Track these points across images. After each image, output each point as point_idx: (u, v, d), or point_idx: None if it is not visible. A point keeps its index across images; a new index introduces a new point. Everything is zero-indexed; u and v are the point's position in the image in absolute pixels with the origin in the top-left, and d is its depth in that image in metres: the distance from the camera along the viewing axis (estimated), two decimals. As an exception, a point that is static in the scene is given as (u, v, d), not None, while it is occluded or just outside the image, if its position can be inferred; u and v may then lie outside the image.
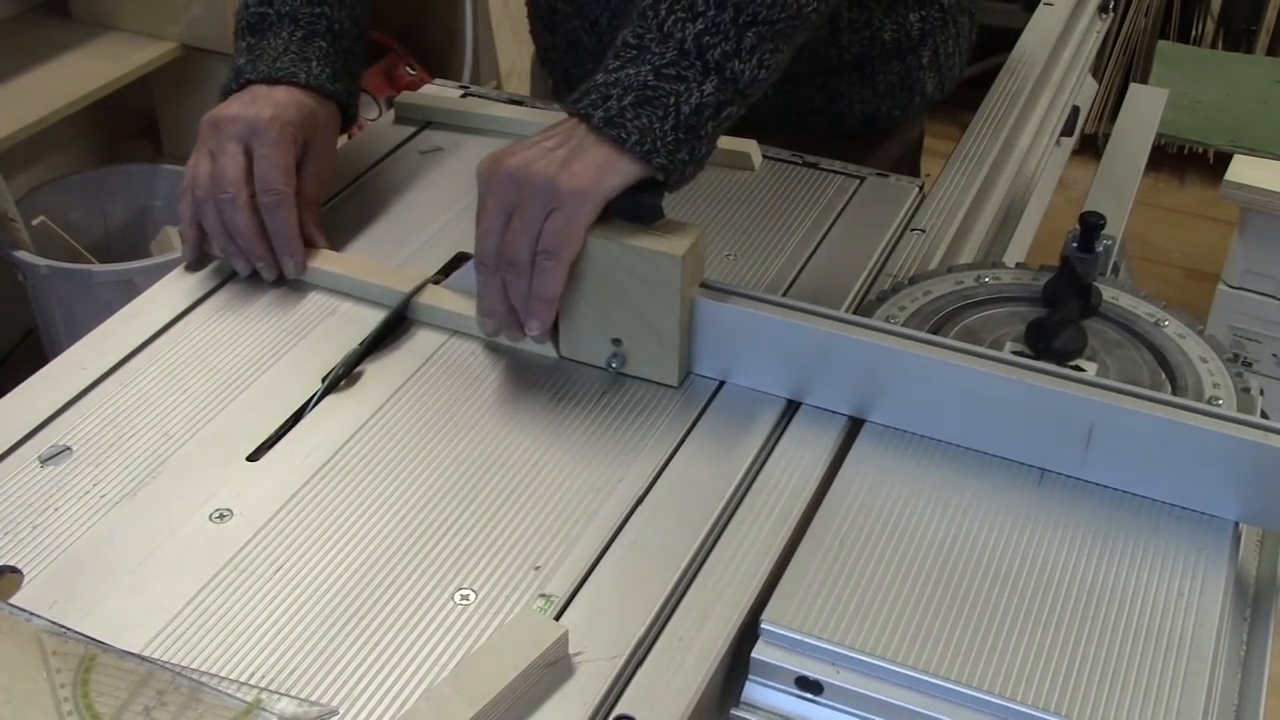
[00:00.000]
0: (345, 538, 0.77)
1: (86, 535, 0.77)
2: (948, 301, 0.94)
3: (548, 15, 1.24)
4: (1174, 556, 0.77)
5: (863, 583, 0.74)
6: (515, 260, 0.84)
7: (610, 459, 0.84)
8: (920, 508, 0.80)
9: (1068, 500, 0.81)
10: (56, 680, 0.68)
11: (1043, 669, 0.70)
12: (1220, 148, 2.66)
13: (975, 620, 0.72)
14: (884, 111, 1.21)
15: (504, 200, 0.84)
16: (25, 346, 2.09)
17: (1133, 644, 0.72)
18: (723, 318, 0.88)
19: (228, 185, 0.95)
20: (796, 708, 0.71)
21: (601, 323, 0.89)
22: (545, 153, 0.84)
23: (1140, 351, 0.90)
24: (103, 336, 0.93)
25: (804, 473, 0.83)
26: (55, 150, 2.16)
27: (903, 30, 1.16)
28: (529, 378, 0.90)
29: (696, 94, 0.83)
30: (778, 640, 0.71)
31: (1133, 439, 0.80)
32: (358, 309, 0.96)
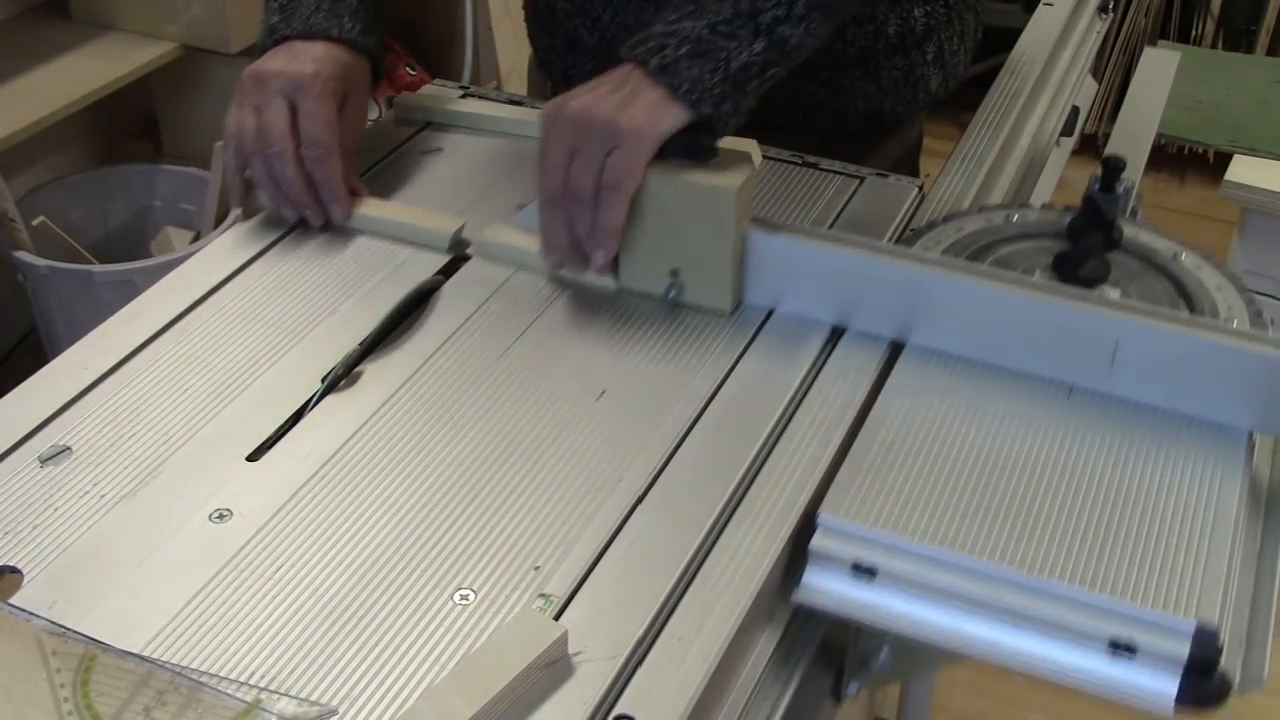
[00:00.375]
0: (345, 538, 0.77)
1: (86, 535, 0.77)
2: (979, 237, 1.01)
3: (546, 16, 1.24)
4: (1194, 461, 0.83)
5: (909, 481, 0.81)
6: (580, 194, 0.91)
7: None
8: (959, 419, 0.86)
9: (1095, 412, 0.87)
10: (56, 680, 0.68)
11: (1076, 553, 0.76)
12: (1220, 148, 2.66)
13: (1013, 514, 0.79)
14: (888, 107, 1.21)
15: (567, 140, 0.91)
16: (25, 346, 2.08)
17: (1158, 536, 0.77)
18: (773, 248, 0.95)
19: (275, 140, 1.00)
20: (852, 591, 0.78)
21: (659, 254, 0.95)
22: (605, 96, 0.91)
23: (1160, 280, 0.97)
24: (103, 336, 0.93)
25: (850, 390, 0.89)
26: (55, 150, 2.16)
27: (907, 25, 1.17)
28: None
29: (746, 52, 0.90)
30: (834, 531, 0.78)
31: (1155, 356, 0.86)
32: (358, 308, 0.96)
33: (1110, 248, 0.97)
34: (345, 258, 1.02)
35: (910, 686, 1.60)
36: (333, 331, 0.94)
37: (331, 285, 0.99)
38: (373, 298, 0.97)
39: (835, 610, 0.78)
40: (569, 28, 1.21)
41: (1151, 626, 0.73)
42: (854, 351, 0.93)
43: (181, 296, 0.97)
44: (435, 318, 0.96)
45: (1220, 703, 0.72)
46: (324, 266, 1.01)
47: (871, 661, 0.84)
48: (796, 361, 0.91)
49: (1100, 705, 0.76)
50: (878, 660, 0.83)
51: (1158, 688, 0.73)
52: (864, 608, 0.77)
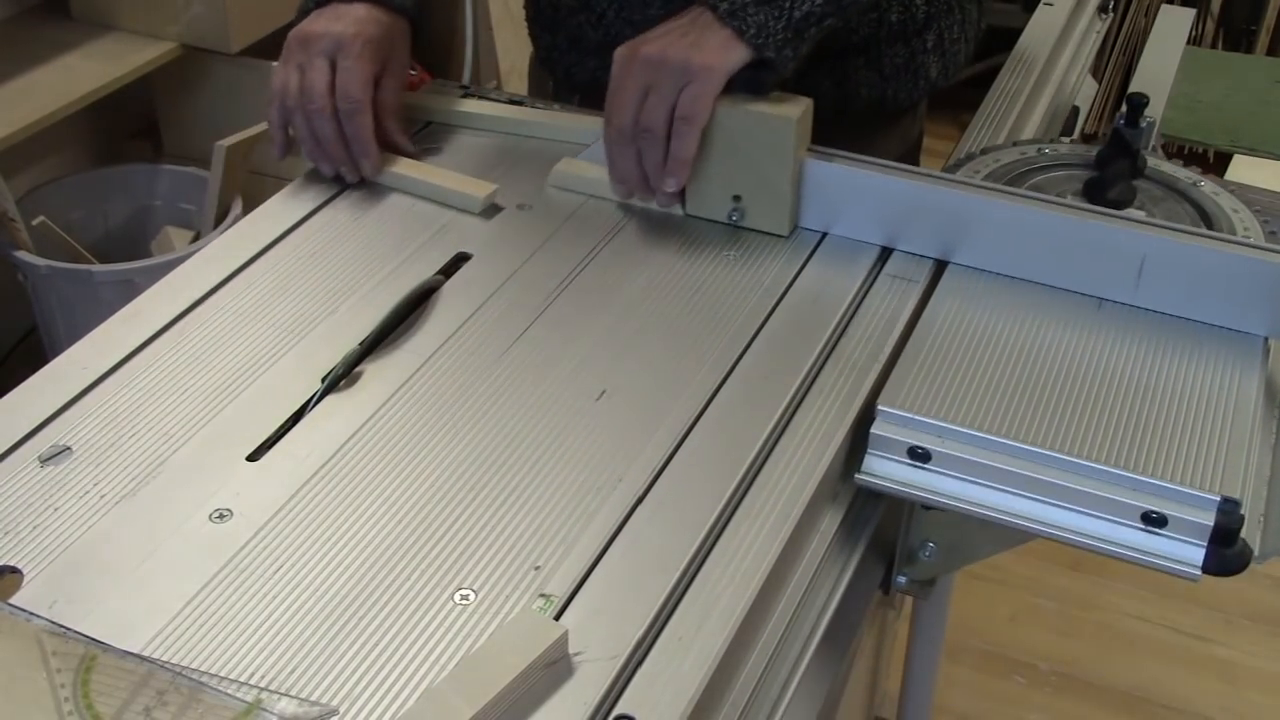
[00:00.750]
0: (345, 538, 0.77)
1: (86, 535, 0.77)
2: (1014, 167, 1.09)
3: (549, 14, 1.25)
4: (1215, 362, 0.92)
5: (958, 378, 0.88)
6: (653, 128, 0.99)
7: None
8: (1001, 326, 0.94)
9: (1123, 322, 0.95)
10: (57, 680, 0.68)
11: (1111, 438, 0.84)
12: (1220, 148, 2.66)
13: (1053, 404, 0.86)
14: (890, 95, 1.21)
15: (641, 79, 0.98)
16: (25, 346, 2.09)
17: (1184, 423, 0.85)
18: (828, 176, 1.03)
19: (316, 97, 1.05)
20: (909, 474, 0.85)
21: (724, 182, 1.04)
22: (678, 37, 0.99)
23: (1181, 204, 1.05)
24: (103, 336, 0.93)
25: (899, 303, 0.98)
26: (55, 150, 2.16)
27: (909, 13, 1.18)
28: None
29: (809, 3, 0.99)
30: (892, 419, 0.85)
31: (1178, 268, 0.94)
32: (358, 308, 0.96)
33: (1135, 175, 1.05)
34: (346, 258, 1.02)
35: (910, 686, 1.60)
36: (333, 331, 0.94)
37: (331, 285, 0.99)
38: (373, 298, 0.97)
39: (894, 490, 0.85)
40: (572, 25, 1.21)
41: (1180, 500, 0.80)
42: (903, 269, 1.01)
43: (181, 296, 0.97)
44: (435, 318, 0.96)
45: (1242, 568, 0.80)
46: (324, 266, 1.01)
47: (918, 555, 0.92)
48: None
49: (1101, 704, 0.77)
50: (924, 554, 0.92)
51: (1186, 555, 0.80)
52: (920, 488, 0.85)
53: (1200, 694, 2.00)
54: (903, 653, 1.58)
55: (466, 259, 1.03)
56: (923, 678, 1.58)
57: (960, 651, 2.03)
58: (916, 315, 0.96)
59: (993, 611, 2.11)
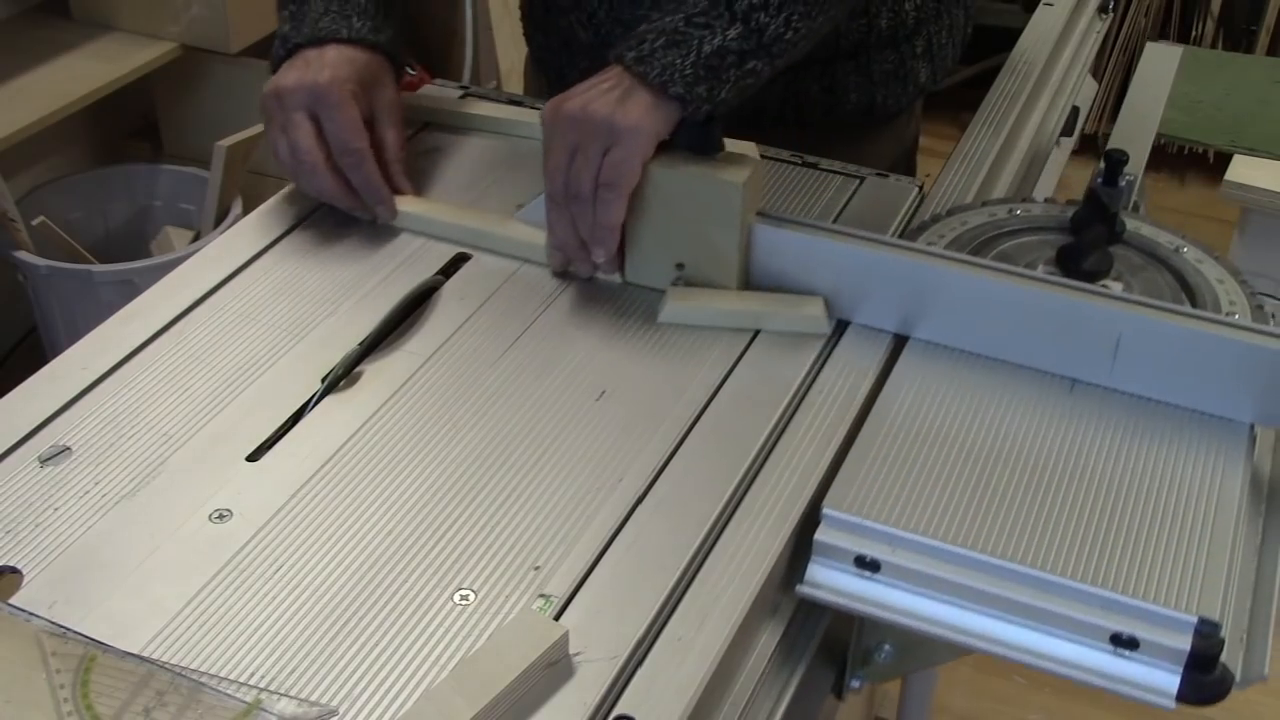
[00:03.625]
0: (345, 538, 0.77)
1: (86, 535, 0.77)
2: (983, 231, 1.01)
3: (541, 14, 1.25)
4: (1196, 454, 0.84)
5: (913, 474, 0.81)
6: (580, 193, 0.92)
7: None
8: (962, 412, 0.87)
9: (1098, 405, 0.88)
10: (56, 681, 0.68)
11: (1078, 547, 0.76)
12: (1220, 148, 2.66)
13: (1016, 507, 0.79)
14: (879, 100, 1.21)
15: (567, 140, 0.92)
16: (25, 346, 2.09)
17: (1159, 529, 0.78)
18: (778, 242, 0.96)
19: (305, 155, 1.01)
20: (856, 585, 0.78)
21: (666, 248, 0.96)
22: (601, 94, 0.92)
23: (1162, 274, 0.97)
24: (102, 336, 0.93)
25: (854, 383, 0.90)
26: (55, 150, 2.16)
27: (898, 18, 1.18)
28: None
29: (720, 37, 0.91)
30: (838, 524, 0.78)
31: (1157, 348, 0.87)
32: (358, 308, 0.96)
33: (1113, 241, 0.97)
34: (346, 258, 1.02)
35: (910, 686, 1.60)
36: (332, 331, 0.94)
37: (331, 285, 0.99)
38: (373, 298, 0.97)
39: (839, 603, 0.78)
40: (564, 25, 1.21)
41: (1153, 620, 0.73)
42: (858, 345, 0.94)
43: (181, 296, 0.97)
44: (435, 318, 0.96)
45: (1222, 697, 0.73)
46: (324, 266, 1.01)
47: (874, 657, 0.84)
48: (801, 354, 0.92)
49: (1099, 705, 0.76)
50: (880, 656, 0.84)
51: (1159, 682, 0.73)
52: (867, 601, 0.77)
53: (1200, 694, 1.99)
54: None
55: (466, 259, 1.03)
56: (923, 677, 1.58)
57: (960, 651, 2.03)
58: (872, 398, 0.88)
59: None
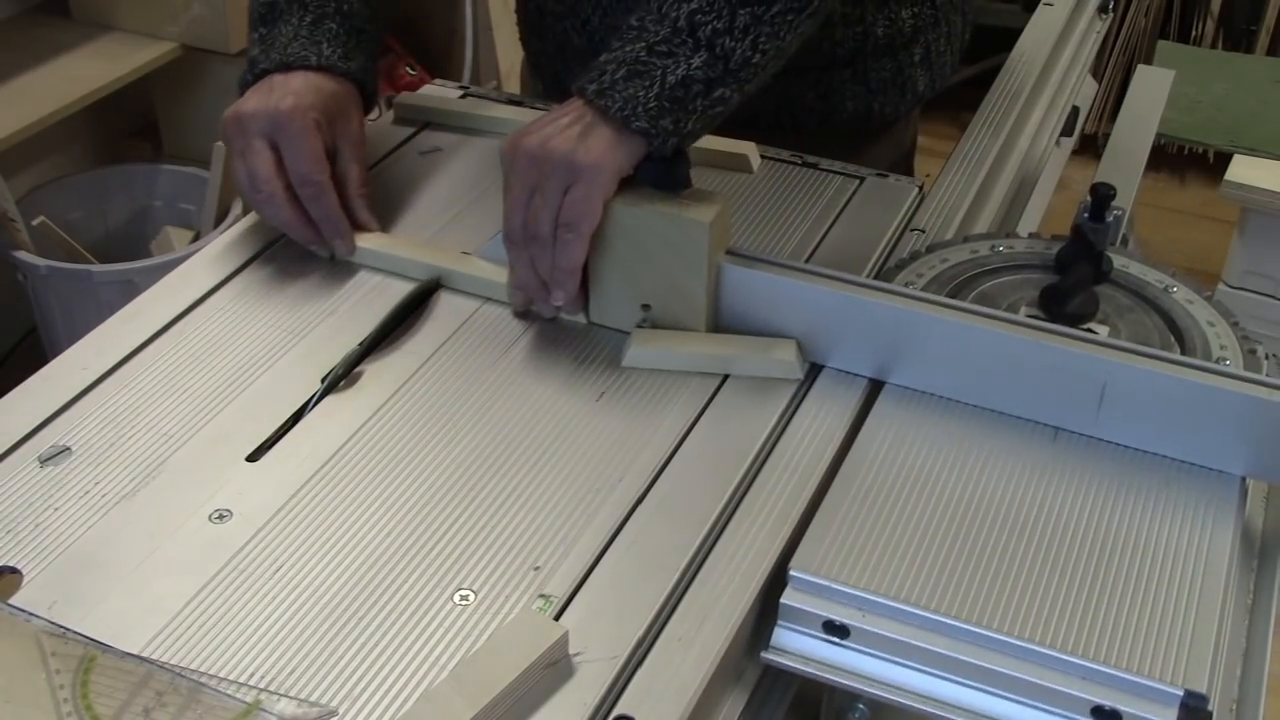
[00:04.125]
0: (345, 538, 0.77)
1: (86, 535, 0.77)
2: (964, 269, 0.97)
3: (536, 19, 1.24)
4: (1184, 509, 0.80)
5: (886, 533, 0.77)
6: (539, 234, 0.88)
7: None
8: (940, 464, 0.83)
9: (1082, 456, 0.84)
10: (56, 681, 0.68)
11: (1059, 612, 0.72)
12: (1220, 148, 2.66)
13: (994, 567, 0.75)
14: (876, 109, 1.21)
15: (526, 178, 0.88)
16: (25, 346, 2.09)
17: (1145, 588, 0.74)
18: (748, 283, 0.91)
19: (261, 184, 0.97)
20: (824, 651, 0.74)
21: (631, 289, 0.93)
22: (561, 130, 0.88)
23: (1150, 316, 0.93)
24: (103, 336, 0.93)
25: (827, 432, 0.86)
26: (55, 150, 2.16)
27: (895, 27, 1.17)
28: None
29: (684, 66, 0.86)
30: (805, 586, 0.74)
31: (1144, 397, 0.83)
32: (356, 310, 0.96)
33: (1099, 281, 0.94)
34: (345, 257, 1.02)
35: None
36: (333, 331, 0.94)
37: (332, 285, 0.99)
38: (373, 298, 0.97)
39: (806, 671, 0.74)
40: (559, 30, 1.21)
41: (1137, 693, 0.69)
42: (831, 390, 0.89)
43: (181, 296, 0.97)
44: (434, 319, 0.96)
45: None
46: (324, 267, 1.01)
47: (847, 717, 0.80)
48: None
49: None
50: (853, 716, 0.80)
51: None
52: (836, 669, 0.74)
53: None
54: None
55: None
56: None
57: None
58: (845, 448, 0.84)
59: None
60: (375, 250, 1.00)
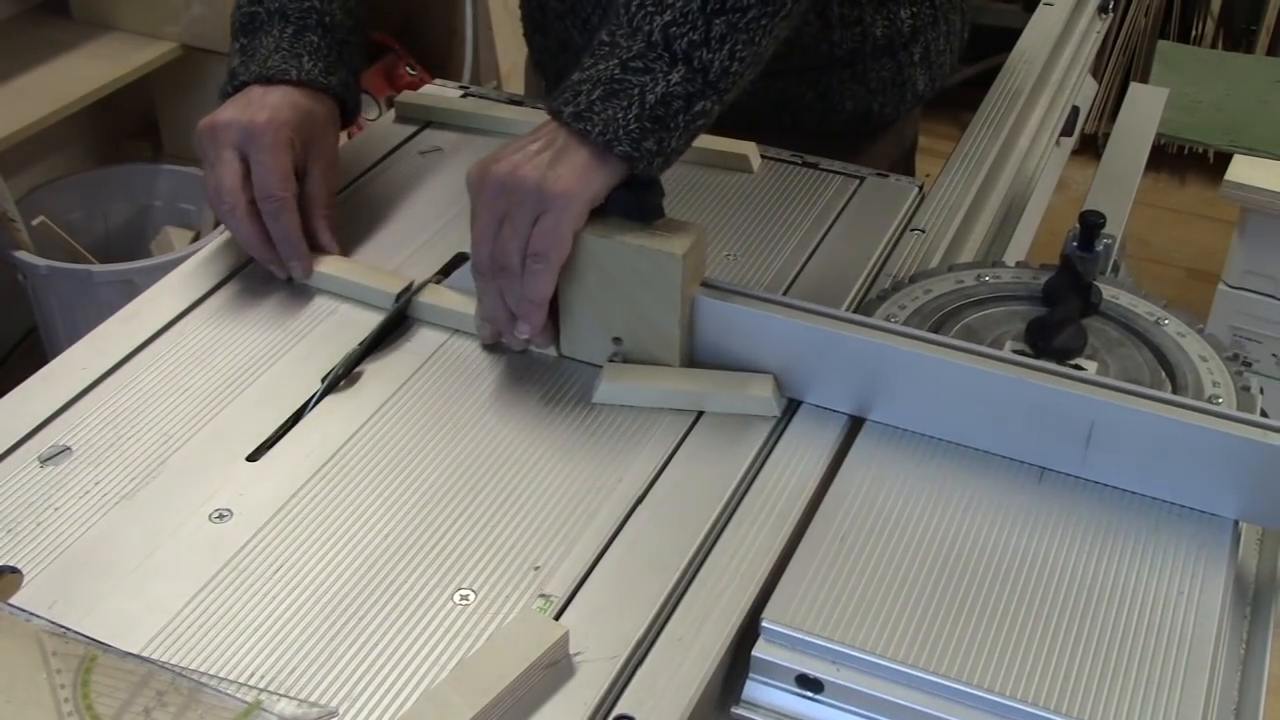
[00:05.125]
0: (345, 538, 0.77)
1: (86, 535, 0.77)
2: (948, 300, 0.95)
3: (538, 16, 1.24)
4: (1174, 554, 0.77)
5: (863, 581, 0.74)
6: (507, 265, 0.85)
7: (609, 459, 0.84)
8: (921, 506, 0.80)
9: (1068, 498, 0.81)
10: (57, 681, 0.68)
11: (1043, 667, 0.70)
12: (1220, 148, 2.66)
13: (975, 618, 0.73)
14: (875, 108, 1.21)
15: (494, 207, 0.85)
16: (25, 346, 2.09)
17: (1133, 641, 0.72)
18: (723, 316, 0.88)
19: (225, 196, 0.95)
20: (797, 706, 0.71)
21: (602, 321, 0.89)
22: (530, 157, 0.84)
23: (1140, 350, 0.90)
24: (103, 336, 0.93)
25: (804, 471, 0.83)
26: (55, 150, 2.16)
27: (894, 27, 1.17)
28: (530, 376, 0.91)
29: (663, 83, 0.83)
30: (778, 639, 0.72)
31: (1133, 438, 0.80)
32: (357, 310, 0.96)
33: (1088, 313, 0.92)
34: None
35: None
36: (333, 331, 0.94)
37: (331, 285, 0.99)
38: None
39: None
40: (560, 29, 1.21)
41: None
42: (809, 427, 0.86)
43: (181, 296, 0.97)
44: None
45: None
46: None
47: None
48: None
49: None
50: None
51: None
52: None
53: (1200, 694, 1.99)
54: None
55: (466, 259, 1.02)
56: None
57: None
58: (822, 490, 0.81)
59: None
60: (332, 275, 0.97)
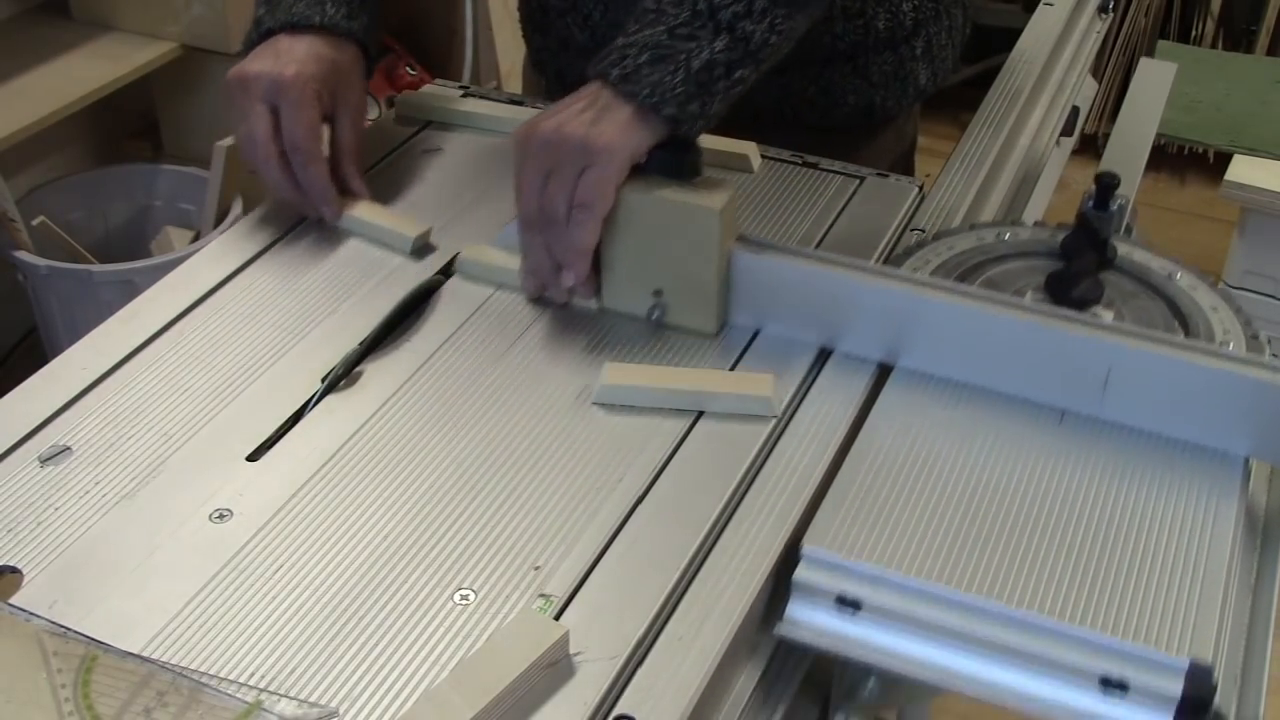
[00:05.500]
0: (345, 537, 0.77)
1: (86, 535, 0.77)
2: (970, 256, 0.99)
3: (539, 15, 1.25)
4: (1189, 489, 0.81)
5: (895, 510, 0.79)
6: (555, 216, 0.90)
7: (609, 459, 0.84)
8: (948, 445, 0.84)
9: (1087, 438, 0.85)
10: (57, 680, 0.68)
11: (1067, 587, 0.74)
12: (1220, 148, 2.66)
13: (1002, 544, 0.77)
14: (878, 103, 1.21)
15: (540, 162, 0.90)
16: (25, 346, 2.08)
17: (1151, 564, 0.76)
18: (758, 269, 0.92)
19: (259, 147, 1.01)
20: (836, 624, 0.76)
21: (643, 275, 0.94)
22: (575, 114, 0.90)
23: (1154, 301, 0.95)
24: (103, 336, 0.93)
25: (837, 414, 0.88)
26: (55, 150, 2.16)
27: (896, 20, 1.17)
28: (530, 377, 0.91)
29: (707, 51, 0.88)
30: (818, 562, 0.76)
31: (1148, 380, 0.85)
32: (358, 308, 0.96)
33: (1104, 267, 0.95)
34: (345, 258, 1.02)
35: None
36: (333, 331, 0.94)
37: (331, 285, 0.99)
38: (373, 298, 0.97)
39: (818, 644, 0.76)
40: (561, 26, 1.21)
41: (1144, 663, 0.71)
42: (841, 374, 0.91)
43: (181, 296, 0.97)
44: (435, 318, 0.96)
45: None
46: (324, 266, 1.01)
47: (859, 692, 0.81)
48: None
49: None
50: (865, 691, 0.80)
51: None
52: (848, 642, 0.75)
53: (1200, 694, 1.99)
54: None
55: (466, 259, 1.03)
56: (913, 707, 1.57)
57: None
58: (854, 430, 0.86)
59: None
60: (360, 218, 1.04)
